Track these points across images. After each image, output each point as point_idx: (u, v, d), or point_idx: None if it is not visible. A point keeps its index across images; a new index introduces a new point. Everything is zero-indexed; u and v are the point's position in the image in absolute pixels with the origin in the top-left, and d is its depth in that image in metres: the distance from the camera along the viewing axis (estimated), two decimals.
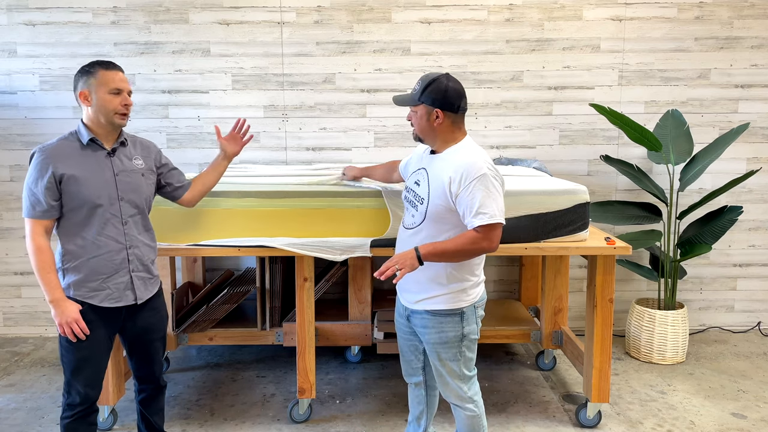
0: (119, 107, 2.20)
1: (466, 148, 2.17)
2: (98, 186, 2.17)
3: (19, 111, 4.02)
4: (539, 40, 3.97)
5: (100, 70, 2.18)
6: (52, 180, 2.11)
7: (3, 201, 4.11)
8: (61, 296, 2.14)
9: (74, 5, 3.91)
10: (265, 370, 3.65)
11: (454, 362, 2.25)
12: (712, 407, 3.20)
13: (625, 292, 4.24)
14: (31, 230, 2.13)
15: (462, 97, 2.17)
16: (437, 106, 2.14)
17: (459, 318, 2.21)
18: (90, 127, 2.21)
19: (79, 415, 2.24)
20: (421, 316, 2.25)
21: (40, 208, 2.12)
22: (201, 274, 3.94)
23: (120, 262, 2.23)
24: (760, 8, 3.96)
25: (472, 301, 2.23)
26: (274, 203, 2.83)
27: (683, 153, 3.77)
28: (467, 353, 2.27)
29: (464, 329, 2.23)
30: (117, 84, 2.19)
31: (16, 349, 4.00)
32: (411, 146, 4.04)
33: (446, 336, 2.23)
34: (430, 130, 2.19)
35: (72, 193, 2.14)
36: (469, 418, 2.32)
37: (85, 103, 2.18)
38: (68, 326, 2.14)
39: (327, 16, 3.93)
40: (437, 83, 2.14)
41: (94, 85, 2.16)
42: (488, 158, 2.16)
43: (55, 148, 2.16)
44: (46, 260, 2.12)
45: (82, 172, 2.15)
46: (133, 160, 2.30)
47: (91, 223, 2.17)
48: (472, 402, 2.31)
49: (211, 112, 4.02)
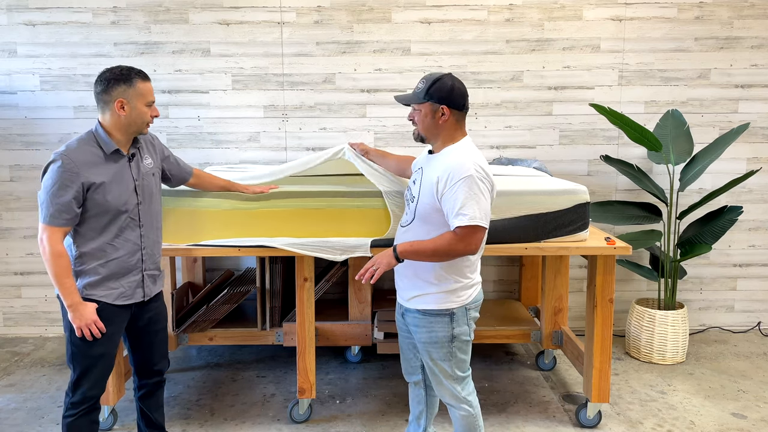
0: (150, 118, 2.24)
1: (460, 149, 2.17)
2: (123, 193, 2.21)
3: (19, 111, 4.02)
4: (539, 40, 3.97)
5: (138, 81, 2.18)
6: (80, 189, 2.11)
7: (3, 201, 4.11)
8: (78, 300, 2.15)
9: (74, 5, 3.91)
10: (265, 370, 3.65)
11: (446, 362, 2.25)
12: (712, 407, 3.20)
13: (625, 292, 4.24)
14: (49, 236, 2.10)
15: (466, 96, 2.21)
16: (444, 103, 2.15)
17: (449, 319, 2.21)
18: (111, 133, 2.21)
19: (83, 413, 2.26)
20: (413, 315, 2.27)
21: (67, 216, 2.10)
22: (201, 274, 3.94)
23: (135, 263, 2.28)
24: (760, 8, 3.96)
25: (462, 302, 2.22)
26: (274, 203, 2.83)
27: (683, 153, 3.77)
28: (459, 354, 2.26)
29: (454, 330, 2.22)
30: (152, 96, 2.24)
31: (16, 349, 4.00)
32: (411, 146, 4.04)
33: (436, 336, 2.23)
34: (434, 127, 2.19)
35: (97, 200, 2.15)
36: (464, 418, 2.32)
37: (120, 112, 2.17)
38: (87, 328, 2.16)
39: (327, 16, 3.93)
40: (442, 81, 2.16)
41: (132, 95, 2.17)
42: (480, 160, 2.15)
43: (79, 154, 2.13)
44: (65, 265, 2.12)
45: (108, 181, 2.17)
46: (144, 161, 2.33)
47: (111, 227, 2.20)
48: (466, 402, 2.31)
49: (211, 112, 4.02)
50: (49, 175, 2.11)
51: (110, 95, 2.16)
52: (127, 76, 2.17)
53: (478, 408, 2.35)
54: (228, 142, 4.05)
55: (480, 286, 2.31)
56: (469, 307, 2.24)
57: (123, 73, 2.17)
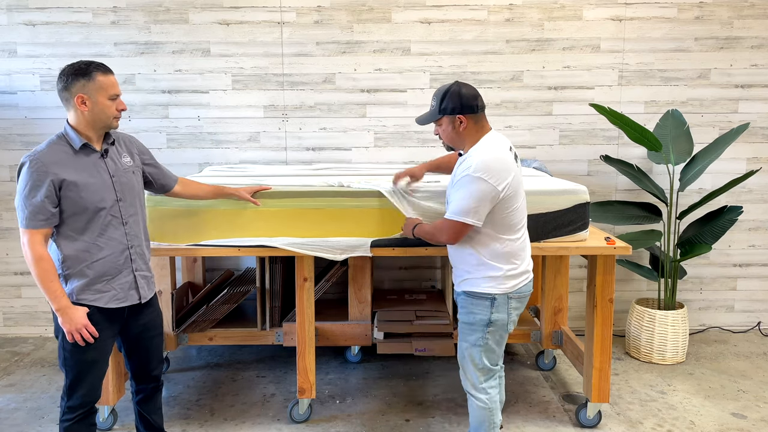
0: (116, 112, 2.18)
1: (477, 148, 2.28)
2: (99, 189, 2.15)
3: (19, 111, 4.02)
4: (539, 40, 3.97)
5: (98, 74, 2.12)
6: (51, 187, 2.06)
7: (3, 201, 4.11)
8: (67, 304, 2.11)
9: (74, 5, 3.91)
10: (265, 370, 3.65)
11: (477, 348, 2.35)
12: (712, 407, 3.20)
13: (625, 292, 4.24)
14: (29, 240, 2.07)
15: (477, 96, 2.30)
16: (458, 113, 2.27)
17: (489, 303, 2.31)
18: (80, 131, 2.16)
19: (80, 417, 2.23)
20: (461, 297, 2.40)
21: (42, 216, 2.06)
22: (201, 274, 3.94)
23: (123, 262, 2.23)
24: (760, 8, 3.96)
25: (505, 290, 2.30)
26: (274, 203, 2.83)
27: (683, 153, 3.77)
28: (491, 343, 2.34)
29: (492, 315, 2.31)
30: (116, 89, 2.17)
31: (16, 349, 4.00)
32: (411, 146, 4.05)
33: (474, 317, 2.34)
34: (457, 136, 2.32)
35: (72, 198, 2.10)
36: (480, 409, 2.39)
37: (82, 108, 2.12)
38: (77, 333, 2.12)
39: (327, 16, 3.93)
40: (451, 92, 2.27)
41: (92, 90, 2.11)
42: (490, 157, 2.22)
43: (48, 155, 2.10)
44: (48, 269, 2.08)
45: (80, 177, 2.12)
46: (122, 158, 2.28)
47: (92, 226, 2.15)
48: (486, 394, 2.38)
49: (211, 112, 4.02)
50: (20, 179, 2.08)
51: (70, 91, 2.11)
52: (85, 70, 2.11)
53: (496, 404, 2.41)
54: (228, 142, 4.05)
55: (529, 278, 2.37)
56: (511, 296, 2.32)
57: (81, 67, 2.11)
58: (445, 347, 3.28)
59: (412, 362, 3.74)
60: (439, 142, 4.02)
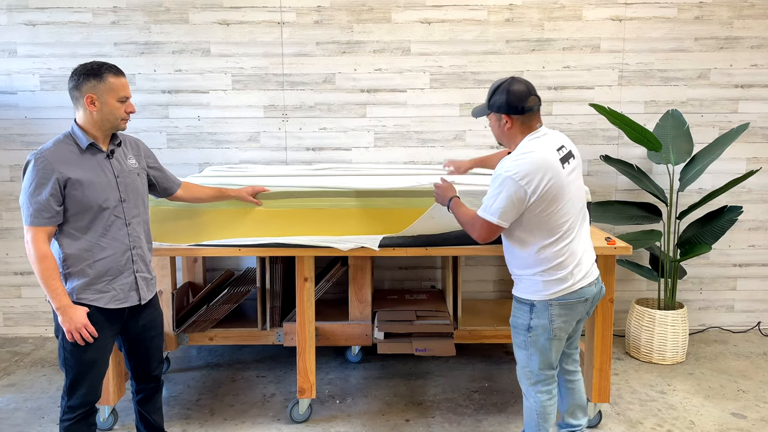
0: (125, 114, 2.20)
1: (519, 149, 2.23)
2: (103, 189, 2.17)
3: (19, 111, 4.03)
4: (539, 40, 3.97)
5: (109, 76, 2.15)
6: (57, 185, 2.08)
7: (3, 201, 4.11)
8: (68, 303, 2.12)
9: (74, 5, 3.91)
10: (265, 370, 3.65)
11: (521, 350, 2.35)
12: (712, 407, 3.20)
13: (625, 292, 4.24)
14: (33, 238, 2.08)
15: (526, 97, 2.21)
16: (503, 112, 2.23)
17: (528, 308, 2.29)
18: (87, 130, 2.18)
19: (80, 417, 2.24)
20: (514, 298, 2.39)
21: (46, 214, 2.08)
22: (201, 274, 3.94)
23: (125, 263, 2.24)
24: (760, 8, 3.96)
25: (547, 296, 2.25)
26: (274, 203, 2.83)
27: (683, 153, 3.77)
28: (532, 348, 2.31)
29: (532, 321, 2.29)
30: (126, 92, 2.19)
31: (16, 349, 4.00)
32: (411, 146, 4.05)
33: (516, 321, 2.35)
34: (502, 135, 2.30)
35: (76, 197, 2.12)
36: (528, 409, 2.40)
37: (91, 108, 2.14)
38: (77, 332, 2.12)
39: (327, 16, 3.93)
40: (500, 90, 2.24)
41: (102, 90, 2.13)
42: (530, 156, 2.15)
43: (54, 153, 2.12)
44: (50, 267, 2.09)
45: (86, 176, 2.13)
46: (127, 160, 2.30)
47: (95, 226, 2.16)
48: (533, 398, 2.37)
49: (211, 112, 4.03)
50: (26, 177, 2.10)
51: (80, 90, 2.13)
52: (97, 71, 2.13)
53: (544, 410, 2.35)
54: (228, 142, 4.05)
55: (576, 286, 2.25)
56: (552, 303, 2.25)
57: (93, 68, 2.14)
58: (445, 347, 3.28)
59: (412, 362, 3.74)
60: (438, 142, 4.06)
